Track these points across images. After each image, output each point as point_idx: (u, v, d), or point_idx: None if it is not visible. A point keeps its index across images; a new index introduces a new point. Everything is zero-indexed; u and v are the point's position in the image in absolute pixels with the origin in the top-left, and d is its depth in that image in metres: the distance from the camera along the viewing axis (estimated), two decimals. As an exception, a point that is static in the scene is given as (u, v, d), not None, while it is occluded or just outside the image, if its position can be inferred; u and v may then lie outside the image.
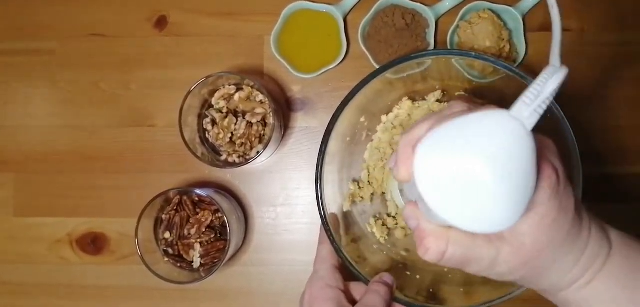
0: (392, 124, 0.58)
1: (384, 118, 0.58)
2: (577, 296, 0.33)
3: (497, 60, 0.47)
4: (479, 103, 0.36)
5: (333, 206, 0.52)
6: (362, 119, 0.56)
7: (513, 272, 0.31)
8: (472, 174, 0.25)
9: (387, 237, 0.57)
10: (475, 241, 0.30)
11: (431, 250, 0.30)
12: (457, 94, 0.57)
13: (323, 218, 0.49)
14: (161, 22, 0.66)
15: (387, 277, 0.46)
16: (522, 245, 0.30)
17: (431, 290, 0.52)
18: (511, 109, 0.26)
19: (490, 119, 0.26)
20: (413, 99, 0.58)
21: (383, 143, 0.58)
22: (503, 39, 0.60)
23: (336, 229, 0.50)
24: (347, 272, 0.47)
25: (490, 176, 0.25)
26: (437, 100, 0.57)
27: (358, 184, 0.58)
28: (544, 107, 0.26)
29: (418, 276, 0.53)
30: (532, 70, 0.62)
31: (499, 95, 0.52)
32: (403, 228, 0.57)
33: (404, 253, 0.56)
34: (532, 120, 0.26)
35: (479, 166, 0.25)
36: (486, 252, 0.30)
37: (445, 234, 0.30)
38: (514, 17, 0.61)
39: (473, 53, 0.47)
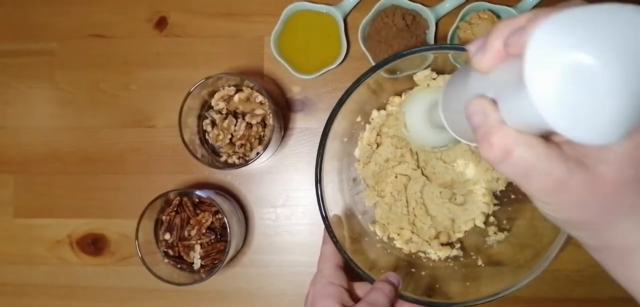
0: (380, 122, 0.58)
1: (374, 113, 0.58)
2: None
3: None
4: None
5: (335, 207, 0.51)
6: (358, 119, 0.56)
7: (580, 206, 0.27)
8: (596, 71, 0.22)
9: (389, 236, 0.57)
10: (549, 152, 0.26)
11: (496, 147, 0.26)
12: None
13: (324, 219, 0.49)
14: (161, 23, 0.66)
15: (393, 277, 0.46)
16: (600, 175, 0.26)
17: (437, 286, 0.52)
18: None
19: (629, 14, 0.23)
20: (400, 94, 0.57)
21: (372, 140, 0.58)
22: (503, 40, 0.60)
23: (339, 230, 0.50)
24: (353, 272, 0.48)
25: (617, 79, 0.22)
26: (429, 79, 0.54)
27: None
28: None
29: (423, 273, 0.53)
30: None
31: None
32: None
33: (406, 250, 0.56)
34: None
35: (609, 63, 0.22)
36: (557, 168, 0.26)
37: (516, 134, 0.26)
38: (514, 17, 0.61)
39: (464, 46, 0.46)
